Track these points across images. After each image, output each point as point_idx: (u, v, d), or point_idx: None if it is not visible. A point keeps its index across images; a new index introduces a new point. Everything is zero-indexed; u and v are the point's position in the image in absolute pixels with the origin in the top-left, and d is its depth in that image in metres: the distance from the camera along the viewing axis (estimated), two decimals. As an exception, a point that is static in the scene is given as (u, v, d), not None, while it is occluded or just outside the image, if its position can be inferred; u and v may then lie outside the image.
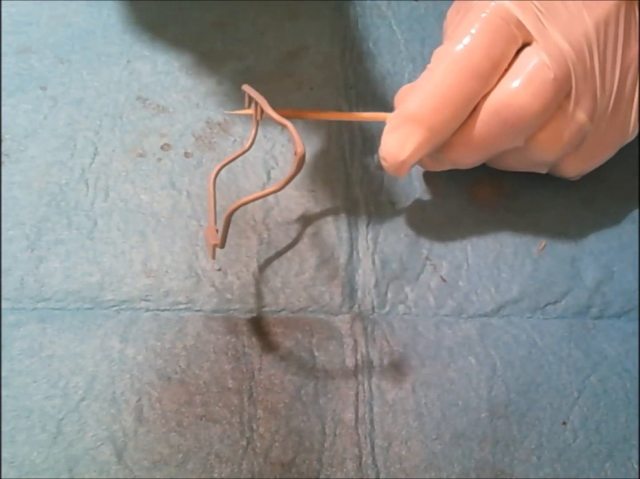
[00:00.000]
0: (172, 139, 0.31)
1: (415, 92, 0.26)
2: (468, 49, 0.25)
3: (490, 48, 0.25)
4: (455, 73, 0.26)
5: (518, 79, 0.25)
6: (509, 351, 0.27)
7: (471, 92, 0.26)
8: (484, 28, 0.25)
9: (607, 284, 0.29)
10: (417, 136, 0.26)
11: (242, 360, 0.26)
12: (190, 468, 0.24)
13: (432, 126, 0.26)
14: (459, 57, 0.25)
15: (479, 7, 0.26)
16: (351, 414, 0.25)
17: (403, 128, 0.26)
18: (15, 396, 0.25)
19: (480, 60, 0.25)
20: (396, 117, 0.27)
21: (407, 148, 0.26)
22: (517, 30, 0.25)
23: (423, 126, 0.26)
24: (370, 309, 0.27)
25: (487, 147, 0.27)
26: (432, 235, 0.29)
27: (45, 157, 0.30)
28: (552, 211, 0.30)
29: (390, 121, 0.27)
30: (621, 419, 0.26)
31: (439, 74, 0.26)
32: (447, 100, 0.26)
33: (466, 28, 0.26)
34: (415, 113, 0.26)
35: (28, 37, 0.34)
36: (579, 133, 0.26)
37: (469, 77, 0.25)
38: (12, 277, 0.27)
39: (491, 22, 0.25)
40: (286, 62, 0.34)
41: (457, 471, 0.24)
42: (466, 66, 0.25)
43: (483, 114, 0.26)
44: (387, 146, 0.27)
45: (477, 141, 0.27)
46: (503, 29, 0.25)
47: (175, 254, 0.28)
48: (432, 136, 0.26)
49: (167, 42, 0.35)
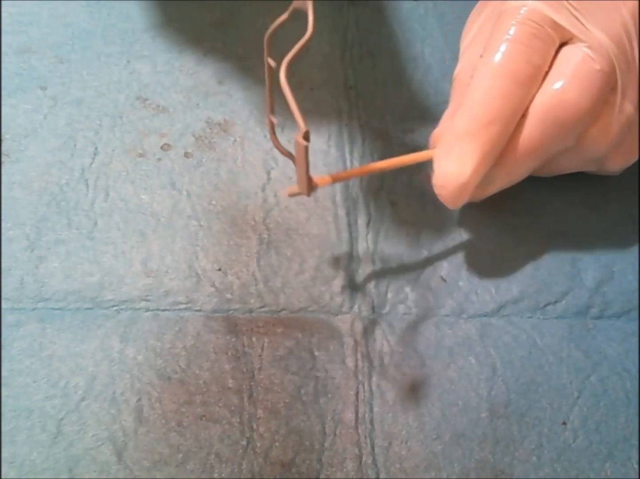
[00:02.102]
0: (172, 139, 0.31)
1: (462, 110, 0.26)
2: (508, 56, 0.25)
3: (530, 53, 0.25)
4: (499, 83, 0.25)
5: (564, 76, 0.25)
6: (509, 351, 0.27)
7: (518, 100, 0.25)
8: (520, 34, 0.25)
9: (607, 284, 0.29)
10: (475, 152, 0.25)
11: (242, 360, 0.26)
12: (190, 468, 0.24)
13: (487, 140, 0.25)
14: (500, 66, 0.25)
15: (510, 13, 0.25)
16: (351, 414, 0.25)
17: (457, 149, 0.25)
18: (15, 396, 0.25)
19: (523, 66, 0.25)
20: (446, 141, 0.26)
21: (467, 167, 0.25)
22: (553, 32, 0.25)
23: (478, 141, 0.25)
24: (370, 309, 0.27)
25: (541, 152, 0.26)
26: (432, 235, 0.29)
27: (45, 157, 0.30)
28: (552, 211, 0.30)
29: (440, 148, 0.26)
30: (621, 419, 0.26)
31: (483, 87, 0.25)
32: (496, 112, 0.25)
33: (501, 36, 0.25)
34: (467, 130, 0.25)
35: (28, 37, 0.34)
36: (627, 125, 0.26)
37: (514, 84, 0.25)
38: (12, 277, 0.27)
39: (527, 27, 0.25)
40: (286, 62, 0.34)
41: (457, 471, 0.24)
42: (509, 74, 0.25)
43: (533, 118, 0.25)
44: (444, 171, 0.25)
45: (531, 147, 0.26)
46: (540, 32, 0.25)
47: (175, 254, 0.28)
48: (490, 150, 0.25)
49: (167, 42, 0.35)
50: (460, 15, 0.37)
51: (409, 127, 0.33)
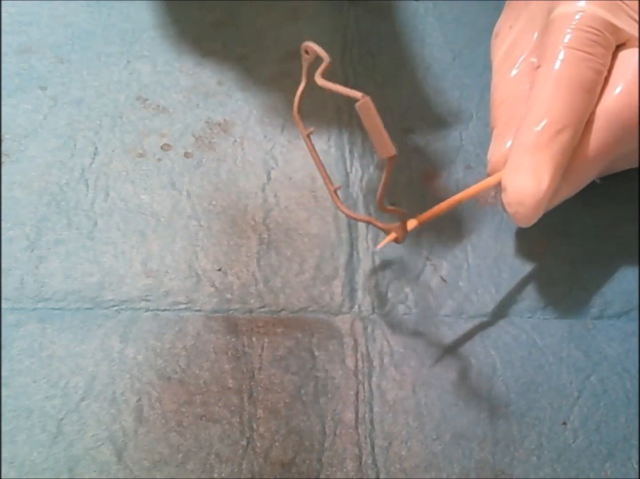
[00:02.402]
0: (172, 139, 0.31)
1: (527, 123, 0.25)
2: (570, 64, 0.25)
3: (591, 59, 0.25)
4: (564, 91, 0.25)
5: (627, 80, 0.25)
6: (509, 351, 0.27)
7: (584, 107, 0.25)
8: (579, 40, 0.25)
9: (607, 284, 0.29)
10: (548, 163, 0.24)
11: (242, 360, 0.26)
12: (190, 468, 0.24)
13: (558, 150, 0.24)
14: (563, 74, 0.25)
15: (563, 19, 0.25)
16: (351, 414, 0.25)
17: (528, 163, 0.24)
18: (15, 396, 0.25)
19: (586, 73, 0.25)
20: (515, 157, 0.25)
21: (543, 180, 0.24)
22: (610, 35, 0.25)
23: (550, 152, 0.24)
24: (370, 309, 0.27)
25: (607, 157, 0.26)
26: (432, 235, 0.29)
27: (45, 157, 0.30)
28: (552, 211, 0.30)
29: (510, 165, 0.25)
30: (621, 419, 0.26)
31: (548, 96, 0.25)
32: (564, 120, 0.24)
33: (559, 44, 0.25)
34: (537, 142, 0.24)
35: (28, 37, 0.34)
36: None
37: (579, 92, 0.25)
38: (12, 277, 0.27)
39: (585, 33, 0.25)
40: (286, 62, 0.34)
41: (457, 471, 0.24)
42: (574, 82, 0.25)
43: (600, 123, 0.25)
44: (519, 187, 0.24)
45: (597, 153, 0.26)
46: (598, 36, 0.25)
47: (175, 254, 0.28)
48: (562, 160, 0.25)
49: (167, 42, 0.35)
50: (460, 15, 0.37)
51: (409, 127, 0.33)
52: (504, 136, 0.27)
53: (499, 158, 0.27)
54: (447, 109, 0.33)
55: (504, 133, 0.27)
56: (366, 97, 0.19)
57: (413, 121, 0.33)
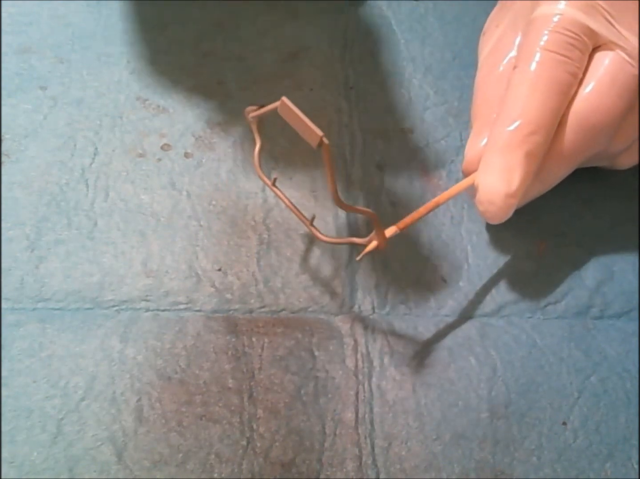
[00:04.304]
0: (172, 139, 0.31)
1: (500, 123, 0.25)
2: (545, 66, 0.25)
3: (567, 62, 0.25)
4: (539, 93, 0.25)
5: (600, 82, 0.25)
6: (509, 351, 0.27)
7: (557, 107, 0.25)
8: (556, 43, 0.25)
9: (607, 284, 0.29)
10: (520, 164, 0.25)
11: (242, 360, 0.26)
12: (190, 468, 0.24)
13: (531, 150, 0.25)
14: (538, 76, 0.25)
15: (542, 21, 0.25)
16: (351, 414, 0.25)
17: (500, 162, 0.25)
18: (15, 396, 0.25)
19: (561, 75, 0.25)
20: (488, 157, 0.25)
21: (514, 179, 0.24)
22: (587, 39, 0.25)
23: (522, 152, 0.25)
24: (370, 309, 0.27)
25: (578, 157, 0.26)
26: (432, 235, 0.29)
27: (45, 157, 0.30)
28: (552, 211, 0.30)
29: (483, 165, 0.25)
30: (621, 419, 0.26)
31: (523, 98, 0.25)
32: (537, 121, 0.25)
33: (536, 46, 0.25)
34: (509, 142, 0.25)
35: (28, 37, 0.34)
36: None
37: (552, 93, 0.25)
38: (12, 277, 0.27)
39: (562, 35, 0.25)
40: (286, 62, 0.34)
41: (457, 471, 0.24)
42: (548, 84, 0.25)
43: (571, 124, 0.25)
44: (490, 186, 0.25)
45: (569, 153, 0.26)
46: (575, 40, 0.25)
47: (175, 254, 0.28)
48: (534, 160, 0.25)
49: (167, 42, 0.35)
50: (460, 15, 0.37)
51: (409, 127, 0.33)
52: (481, 134, 0.27)
53: (473, 156, 0.27)
54: (447, 109, 0.33)
55: (481, 131, 0.27)
56: (282, 98, 0.20)
57: (413, 121, 0.33)
